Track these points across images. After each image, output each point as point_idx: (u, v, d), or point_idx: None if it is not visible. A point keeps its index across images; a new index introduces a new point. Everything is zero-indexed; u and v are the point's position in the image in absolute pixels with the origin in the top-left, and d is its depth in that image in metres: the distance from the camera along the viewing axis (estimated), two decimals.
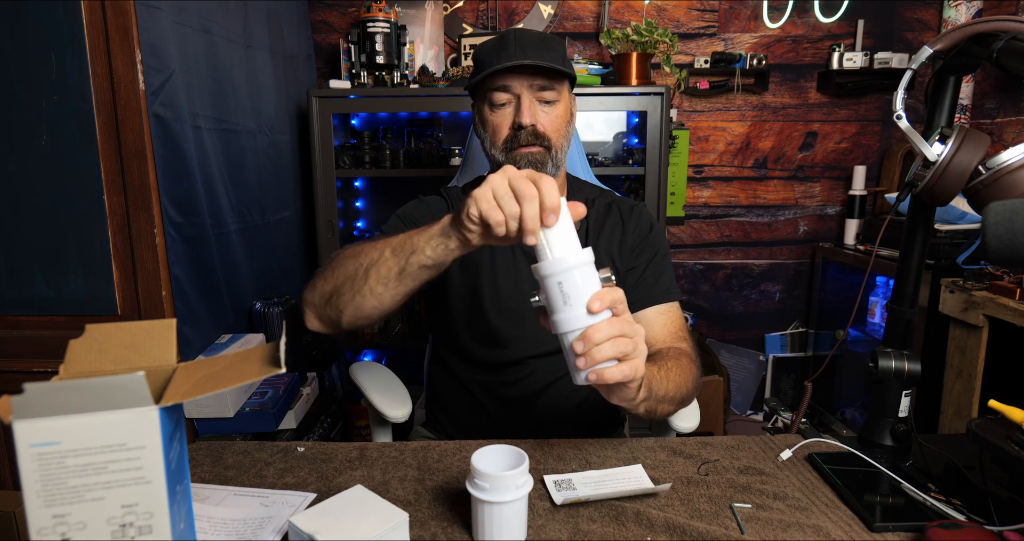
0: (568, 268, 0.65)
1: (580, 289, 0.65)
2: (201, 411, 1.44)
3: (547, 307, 0.68)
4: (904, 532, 0.71)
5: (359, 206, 2.51)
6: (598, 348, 0.64)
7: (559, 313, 0.66)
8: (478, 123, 1.07)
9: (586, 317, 0.65)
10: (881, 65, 2.29)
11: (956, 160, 0.72)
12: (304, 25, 2.27)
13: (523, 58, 0.96)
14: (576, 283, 0.65)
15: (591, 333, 0.64)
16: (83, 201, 1.33)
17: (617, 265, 1.07)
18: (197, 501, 0.76)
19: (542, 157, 1.00)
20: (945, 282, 1.77)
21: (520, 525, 0.68)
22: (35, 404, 0.44)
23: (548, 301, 0.67)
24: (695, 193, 2.54)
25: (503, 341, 1.06)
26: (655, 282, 1.05)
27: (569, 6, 2.39)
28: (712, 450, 0.91)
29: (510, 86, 0.99)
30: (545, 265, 0.66)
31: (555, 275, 0.65)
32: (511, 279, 1.06)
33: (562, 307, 0.66)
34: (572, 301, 0.65)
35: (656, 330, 1.01)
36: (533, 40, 0.99)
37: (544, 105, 1.00)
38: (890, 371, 0.88)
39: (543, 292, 0.67)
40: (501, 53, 0.98)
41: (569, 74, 1.01)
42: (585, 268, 0.66)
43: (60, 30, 1.27)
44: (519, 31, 1.01)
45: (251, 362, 0.53)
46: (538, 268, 0.66)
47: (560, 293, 0.66)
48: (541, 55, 0.97)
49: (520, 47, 0.97)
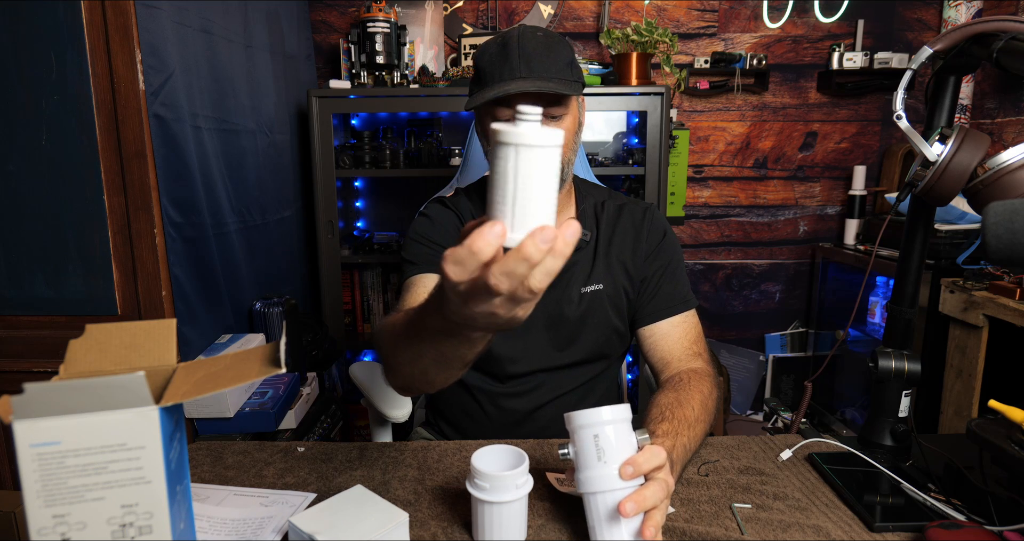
0: (607, 421, 0.62)
1: (617, 447, 0.62)
2: (201, 411, 1.44)
3: (577, 464, 0.64)
4: (904, 532, 0.71)
5: (359, 206, 2.51)
6: (652, 518, 0.60)
7: (591, 470, 0.62)
8: (480, 133, 1.02)
9: (620, 479, 0.61)
10: (881, 65, 2.29)
11: (956, 160, 0.72)
12: (304, 25, 2.27)
13: (528, 74, 0.89)
14: (612, 440, 0.62)
15: (641, 500, 0.59)
16: (83, 201, 1.33)
17: (630, 272, 1.04)
18: (197, 501, 0.76)
19: None
20: (945, 282, 1.77)
21: (520, 525, 0.68)
22: (35, 404, 0.44)
23: (580, 456, 0.63)
24: (695, 193, 2.54)
25: (511, 355, 1.03)
26: (671, 292, 1.03)
27: (569, 6, 2.39)
28: (712, 450, 0.91)
29: (512, 102, 0.92)
30: (579, 415, 0.63)
31: (591, 427, 0.62)
32: None
33: (595, 464, 0.62)
34: (607, 458, 0.62)
35: (672, 344, 0.99)
36: (538, 48, 0.91)
37: (550, 120, 0.95)
38: (890, 371, 0.88)
39: (575, 445, 0.64)
40: (504, 67, 0.91)
41: (576, 91, 0.93)
42: (622, 425, 0.63)
43: (60, 30, 1.27)
44: (523, 36, 0.92)
45: (251, 362, 0.53)
46: (573, 417, 0.64)
47: (595, 448, 0.62)
48: (547, 67, 0.90)
49: (524, 60, 0.90)
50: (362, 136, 2.20)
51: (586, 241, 1.04)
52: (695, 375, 0.91)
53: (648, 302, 1.03)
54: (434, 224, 1.06)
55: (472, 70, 0.99)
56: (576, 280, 1.03)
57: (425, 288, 0.97)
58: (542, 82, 0.89)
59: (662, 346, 1.00)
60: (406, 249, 1.05)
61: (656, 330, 1.01)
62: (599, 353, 1.06)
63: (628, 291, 1.04)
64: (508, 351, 1.03)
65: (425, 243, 1.03)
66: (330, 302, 2.14)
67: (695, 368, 0.94)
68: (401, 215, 2.50)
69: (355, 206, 2.49)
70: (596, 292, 1.03)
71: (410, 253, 1.04)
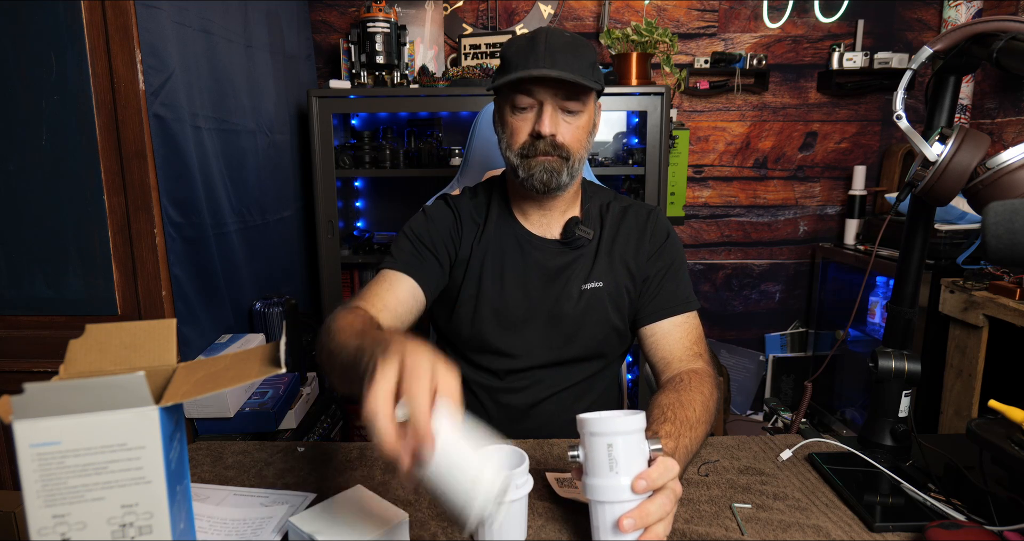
0: (623, 431, 0.61)
1: (630, 457, 0.61)
2: (201, 411, 1.44)
3: (587, 469, 0.63)
4: (904, 532, 0.71)
5: (359, 206, 2.51)
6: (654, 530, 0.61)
7: (601, 479, 0.61)
8: (497, 121, 1.03)
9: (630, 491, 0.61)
10: (881, 65, 2.29)
11: (956, 160, 0.72)
12: (304, 25, 2.27)
13: (551, 66, 0.91)
14: (626, 450, 0.61)
15: (644, 515, 0.60)
16: (83, 201, 1.33)
17: (633, 272, 1.05)
18: (197, 501, 0.76)
19: (558, 166, 0.97)
20: (945, 282, 1.77)
21: (520, 525, 0.68)
22: (35, 404, 0.44)
23: (591, 462, 0.62)
24: (695, 193, 2.54)
25: (509, 351, 1.04)
26: (673, 292, 1.03)
27: (569, 6, 2.39)
28: (712, 450, 0.91)
29: (534, 92, 0.94)
30: (596, 421, 0.61)
31: (607, 435, 0.61)
32: (520, 289, 1.04)
33: (606, 473, 0.61)
34: (619, 469, 0.61)
35: (673, 344, 1.00)
36: (564, 46, 0.93)
37: (567, 115, 0.96)
38: (890, 371, 0.88)
39: (586, 450, 0.63)
40: (530, 56, 0.92)
41: (595, 87, 0.95)
42: (637, 435, 0.62)
43: (60, 30, 1.27)
44: (551, 32, 0.95)
45: (251, 362, 0.53)
46: (588, 422, 0.62)
47: (608, 457, 0.61)
48: (570, 63, 0.92)
49: (549, 53, 0.92)
50: (362, 136, 2.20)
51: (588, 240, 1.05)
52: (696, 376, 0.91)
53: (650, 301, 1.03)
54: (430, 224, 1.07)
55: (499, 64, 1.00)
56: (576, 277, 1.04)
57: (392, 288, 0.98)
58: (560, 72, 0.91)
59: (663, 346, 1.00)
60: (396, 240, 1.06)
61: (657, 329, 1.02)
62: (597, 351, 1.06)
63: (630, 290, 1.05)
64: (507, 347, 1.04)
65: (414, 242, 1.04)
66: (330, 302, 2.14)
67: (696, 369, 0.94)
68: (401, 215, 2.49)
69: (355, 206, 2.49)
70: (596, 289, 1.03)
71: (397, 247, 1.05)
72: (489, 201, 1.09)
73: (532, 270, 1.04)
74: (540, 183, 0.97)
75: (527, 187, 0.99)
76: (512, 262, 1.05)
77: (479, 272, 1.04)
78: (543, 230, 1.06)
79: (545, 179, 0.97)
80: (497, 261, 1.05)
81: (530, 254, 1.05)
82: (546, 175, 0.97)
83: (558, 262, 1.05)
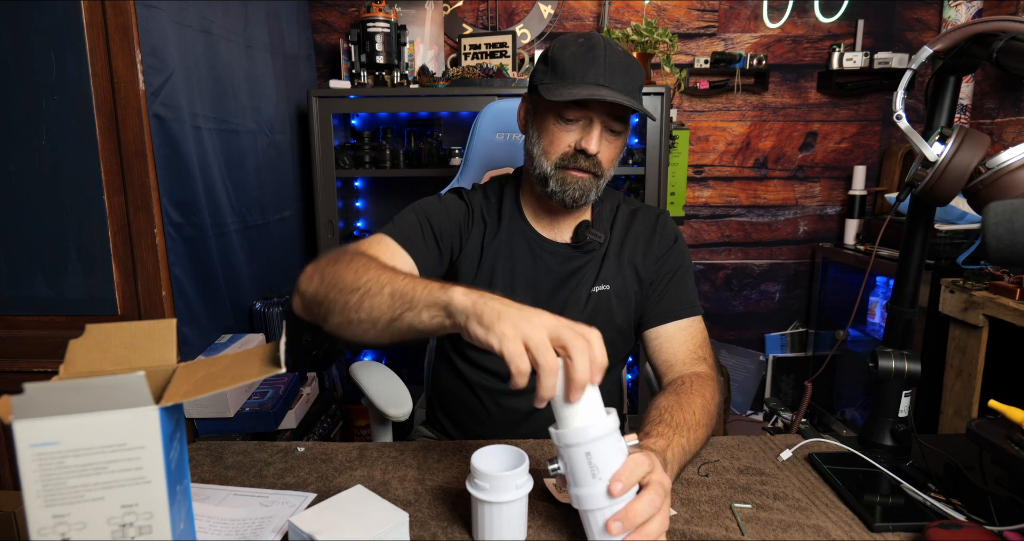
0: (598, 436, 0.60)
1: (610, 461, 0.60)
2: (201, 411, 1.44)
3: (570, 479, 0.62)
4: (904, 532, 0.71)
5: (359, 206, 2.51)
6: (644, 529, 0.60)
7: (586, 488, 0.61)
8: (532, 123, 1.00)
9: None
10: (881, 65, 2.29)
11: (956, 160, 0.72)
12: (304, 25, 2.27)
13: (611, 85, 0.90)
14: (605, 454, 0.60)
15: (632, 516, 0.60)
16: (83, 201, 1.33)
17: (640, 274, 1.05)
18: (197, 501, 0.76)
19: (590, 184, 0.96)
20: (945, 282, 1.77)
21: (520, 525, 0.68)
22: (35, 404, 0.44)
23: (572, 473, 0.61)
24: (695, 193, 2.54)
25: None
26: (678, 296, 1.03)
27: (569, 6, 2.39)
28: (712, 450, 0.91)
29: (587, 105, 0.93)
30: (569, 433, 0.60)
31: (583, 445, 0.60)
32: (530, 293, 1.03)
33: (590, 481, 0.61)
34: (602, 474, 0.60)
35: (677, 348, 0.99)
36: (621, 65, 0.92)
37: (610, 134, 0.96)
38: (890, 371, 0.88)
39: (565, 462, 0.62)
40: (588, 69, 0.91)
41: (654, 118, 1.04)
42: (613, 436, 0.61)
43: (60, 30, 1.27)
44: (609, 48, 0.93)
45: (251, 362, 0.53)
46: (562, 435, 0.60)
47: (588, 465, 0.60)
48: (626, 84, 0.92)
49: (609, 70, 0.91)
50: (362, 136, 2.20)
51: (600, 243, 1.05)
52: (698, 379, 0.91)
53: (655, 304, 1.03)
54: (442, 211, 1.04)
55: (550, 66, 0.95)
56: (585, 282, 1.04)
57: (393, 259, 0.93)
58: (626, 98, 0.90)
59: (667, 349, 1.00)
60: (403, 213, 1.03)
61: (662, 332, 1.01)
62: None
63: (636, 293, 1.05)
64: None
65: (422, 222, 1.01)
66: None
67: (698, 372, 0.94)
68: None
69: (355, 206, 2.49)
70: (603, 292, 1.03)
71: (403, 219, 1.01)
72: (500, 202, 1.08)
73: (542, 274, 1.04)
74: (571, 199, 0.97)
75: (554, 200, 0.98)
76: (523, 265, 1.04)
77: (490, 275, 1.03)
78: (555, 234, 1.06)
79: (576, 196, 0.96)
80: (508, 264, 1.04)
81: (541, 258, 1.04)
82: (578, 193, 0.96)
83: (568, 267, 1.04)
